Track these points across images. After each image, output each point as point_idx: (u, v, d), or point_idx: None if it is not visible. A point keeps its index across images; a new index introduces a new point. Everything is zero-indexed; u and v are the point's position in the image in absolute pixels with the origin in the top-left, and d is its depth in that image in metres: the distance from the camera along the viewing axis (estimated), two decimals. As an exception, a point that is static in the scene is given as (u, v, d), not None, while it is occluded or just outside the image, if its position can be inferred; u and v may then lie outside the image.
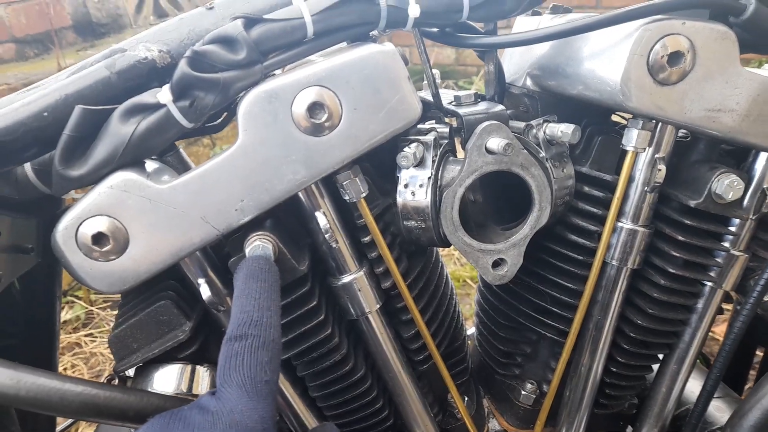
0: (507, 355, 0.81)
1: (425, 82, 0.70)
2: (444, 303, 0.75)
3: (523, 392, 0.79)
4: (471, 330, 0.96)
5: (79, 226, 0.54)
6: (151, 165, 0.61)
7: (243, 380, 0.43)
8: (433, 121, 0.72)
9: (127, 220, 0.54)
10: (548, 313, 0.72)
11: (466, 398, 0.80)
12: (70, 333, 2.39)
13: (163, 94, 0.52)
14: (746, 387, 1.01)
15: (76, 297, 2.46)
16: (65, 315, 2.43)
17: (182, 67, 0.52)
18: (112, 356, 0.62)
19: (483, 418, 0.83)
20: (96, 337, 2.35)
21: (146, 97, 0.53)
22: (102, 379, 0.66)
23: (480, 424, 0.81)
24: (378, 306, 0.65)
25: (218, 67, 0.53)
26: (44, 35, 2.76)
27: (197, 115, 0.54)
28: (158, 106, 0.53)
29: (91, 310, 2.45)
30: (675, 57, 0.55)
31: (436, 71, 0.79)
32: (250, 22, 0.54)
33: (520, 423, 0.80)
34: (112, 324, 2.50)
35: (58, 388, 0.53)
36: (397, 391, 0.70)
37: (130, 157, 0.54)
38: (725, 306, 0.76)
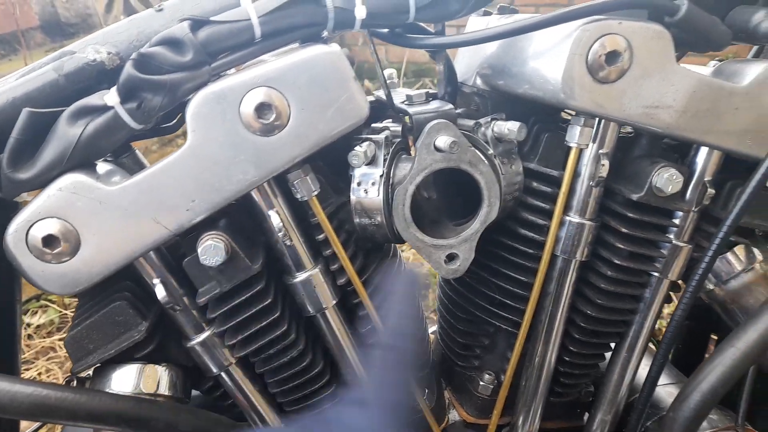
0: (466, 347, 0.83)
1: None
2: (402, 298, 0.76)
3: (481, 383, 0.81)
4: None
5: (29, 229, 0.54)
6: (103, 167, 0.61)
7: None
8: (390, 120, 0.73)
9: (77, 222, 0.55)
10: (502, 306, 0.74)
11: (427, 390, 0.81)
12: (45, 337, 2.36)
13: (111, 96, 0.53)
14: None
15: (50, 301, 2.42)
16: (39, 319, 2.40)
17: (128, 69, 0.52)
18: (64, 344, 0.62)
19: (444, 409, 0.85)
20: (70, 341, 2.32)
21: (94, 100, 0.54)
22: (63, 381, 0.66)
23: (441, 415, 0.83)
24: (334, 302, 0.67)
25: (165, 68, 0.53)
26: (11, 36, 2.72)
27: (145, 116, 0.54)
28: (106, 108, 0.53)
29: (65, 314, 2.42)
30: (612, 56, 0.57)
31: (392, 71, 0.81)
32: (197, 24, 0.55)
33: (479, 413, 0.82)
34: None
35: (7, 389, 0.53)
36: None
37: (79, 160, 0.54)
38: (674, 295, 0.79)
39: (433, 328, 0.96)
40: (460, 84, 0.75)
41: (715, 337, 0.99)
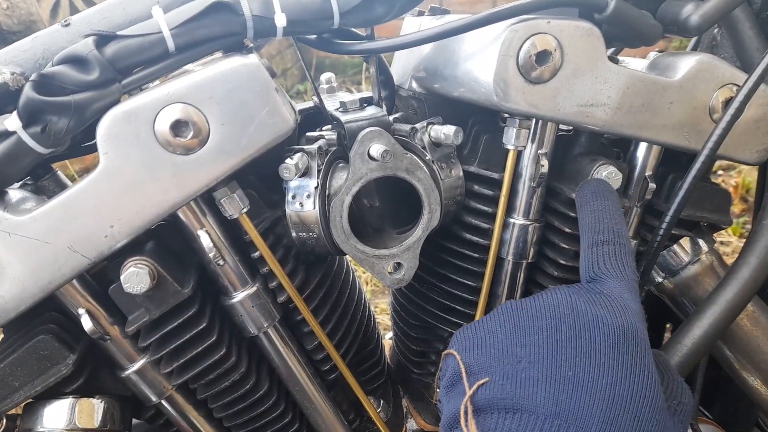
0: (421, 354, 0.81)
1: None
2: (350, 309, 0.75)
3: (438, 390, 0.79)
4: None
5: (-68, 266, 0.50)
6: (14, 194, 0.58)
7: (622, 275, 0.50)
8: (329, 127, 0.71)
9: (-15, 256, 0.51)
10: (452, 311, 0.73)
11: (382, 401, 0.80)
12: None
13: (11, 121, 0.49)
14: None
15: None
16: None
17: (27, 91, 0.49)
18: None
19: (401, 418, 0.84)
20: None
21: (-6, 125, 0.50)
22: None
23: (398, 424, 0.82)
24: (275, 321, 0.64)
25: (69, 89, 0.50)
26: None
27: (52, 140, 0.51)
28: (7, 133, 0.50)
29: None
30: (543, 56, 0.56)
31: (330, 74, 0.78)
32: (103, 39, 0.51)
33: (437, 421, 0.81)
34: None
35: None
36: (305, 404, 0.70)
37: (-17, 189, 0.51)
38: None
39: (389, 335, 0.95)
40: (397, 87, 0.73)
41: (669, 326, 0.99)
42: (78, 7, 3.29)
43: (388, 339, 0.96)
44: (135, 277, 0.54)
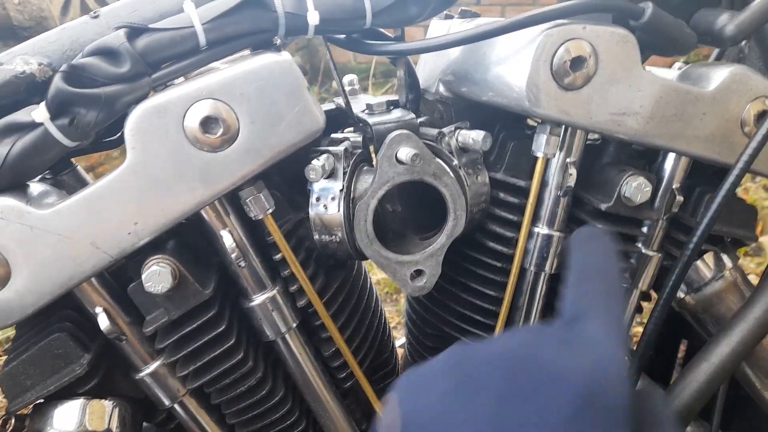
0: (436, 364, 0.80)
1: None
2: (367, 316, 0.73)
3: None
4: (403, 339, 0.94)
5: (-49, 259, 0.49)
6: (36, 187, 0.56)
7: (608, 315, 0.41)
8: (352, 129, 0.70)
9: (6, 249, 0.50)
10: (471, 321, 0.72)
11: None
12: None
13: (39, 112, 0.48)
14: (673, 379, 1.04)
15: None
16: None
17: (57, 82, 0.48)
18: None
19: (415, 429, 0.82)
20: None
21: (20, 116, 0.49)
22: (-2, 420, 0.61)
23: (412, 436, 0.80)
24: (294, 325, 0.63)
25: (99, 81, 0.49)
26: (-41, 42, 2.59)
27: (79, 133, 0.50)
28: (34, 125, 0.49)
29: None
30: (577, 62, 0.55)
31: (353, 76, 0.77)
32: (135, 32, 0.50)
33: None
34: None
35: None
36: (320, 411, 0.68)
37: (6, 181, 0.49)
38: (644, 304, 0.77)
39: (401, 341, 0.93)
40: (423, 91, 0.72)
41: (684, 345, 0.98)
42: (88, 5, 3.29)
43: (398, 347, 0.95)
44: (157, 276, 0.53)
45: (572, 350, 0.38)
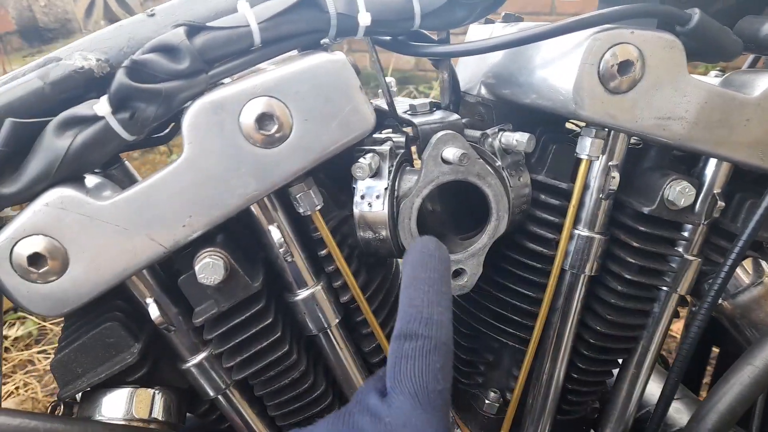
0: (469, 363, 0.80)
1: (380, 90, 0.69)
2: (404, 314, 0.74)
3: (486, 401, 0.78)
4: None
5: (13, 247, 0.50)
6: (92, 180, 0.58)
7: (416, 389, 0.40)
8: (390, 130, 0.71)
9: (65, 239, 0.51)
10: (509, 322, 0.72)
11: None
12: (23, 350, 2.29)
13: (101, 106, 0.50)
14: (704, 382, 1.03)
15: (28, 313, 2.35)
16: (16, 332, 2.33)
17: (120, 77, 0.49)
18: (51, 368, 0.59)
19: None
20: (49, 353, 2.25)
21: (83, 109, 0.51)
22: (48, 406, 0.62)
23: (444, 435, 0.80)
24: (337, 321, 0.64)
25: (159, 77, 0.50)
26: (-13, 41, 2.65)
27: (139, 127, 0.51)
28: (96, 118, 0.50)
29: (44, 326, 2.35)
30: (625, 66, 0.56)
31: (391, 79, 0.78)
32: (194, 29, 0.52)
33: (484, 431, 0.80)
34: (66, 341, 2.38)
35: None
36: (357, 407, 0.69)
37: (67, 173, 0.51)
38: (680, 309, 0.77)
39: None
40: (463, 93, 0.73)
41: (717, 350, 0.98)
42: (111, 7, 3.35)
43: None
44: (210, 268, 0.54)
45: None
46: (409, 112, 0.66)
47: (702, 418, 0.60)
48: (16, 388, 2.10)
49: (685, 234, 0.67)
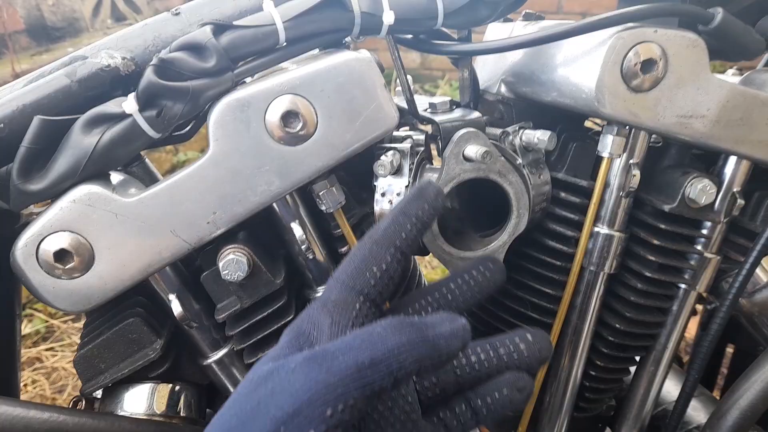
0: (485, 361, 0.80)
1: (395, 87, 0.69)
2: (422, 312, 0.74)
3: (502, 399, 0.78)
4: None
5: (40, 243, 0.51)
6: (116, 177, 0.58)
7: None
8: (407, 128, 0.71)
9: (91, 235, 0.52)
10: (527, 319, 0.72)
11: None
12: (30, 347, 2.30)
13: (129, 104, 0.50)
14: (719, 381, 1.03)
15: (36, 310, 2.36)
16: (24, 329, 2.34)
17: (149, 75, 0.49)
18: (75, 371, 0.59)
19: (463, 426, 0.83)
20: (57, 351, 2.26)
21: (110, 107, 0.51)
22: (68, 401, 0.63)
23: (460, 432, 0.81)
24: (356, 317, 0.64)
25: (186, 75, 0.51)
26: (-5, 39, 2.65)
27: (165, 125, 0.51)
28: (123, 116, 0.51)
29: (52, 324, 2.36)
30: (648, 64, 0.56)
31: (409, 77, 0.78)
32: (220, 28, 0.52)
33: (501, 429, 0.80)
34: (73, 337, 2.40)
35: (21, 416, 0.50)
36: (376, 404, 0.69)
37: (94, 170, 0.51)
38: (697, 307, 0.77)
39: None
40: (482, 91, 0.73)
41: (731, 349, 0.98)
42: (118, 6, 3.34)
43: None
44: (233, 264, 0.54)
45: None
46: (429, 110, 0.66)
47: (723, 415, 0.60)
48: (24, 385, 2.11)
49: (704, 232, 0.67)
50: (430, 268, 2.48)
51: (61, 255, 0.51)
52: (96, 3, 3.33)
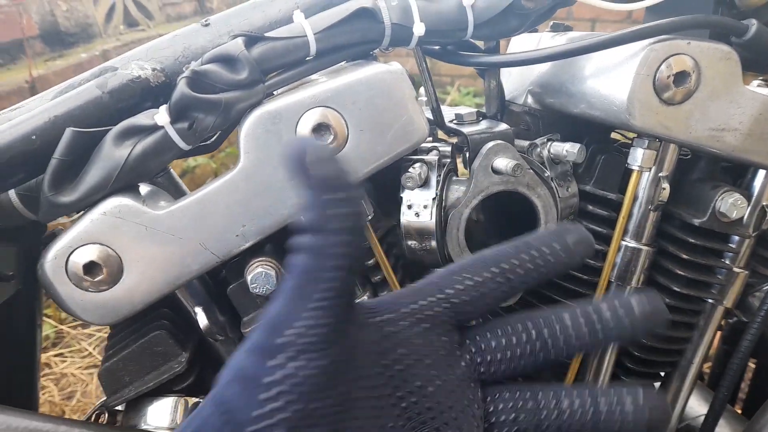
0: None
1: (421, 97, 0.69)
2: (446, 324, 0.73)
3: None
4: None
5: (69, 255, 0.51)
6: (144, 188, 0.58)
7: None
8: (431, 139, 0.71)
9: (121, 248, 0.51)
10: (551, 333, 0.71)
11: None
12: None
13: (161, 116, 0.50)
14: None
15: (45, 315, 2.36)
16: (34, 335, 2.34)
17: (181, 87, 0.49)
18: (83, 378, 0.59)
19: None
20: (66, 357, 2.26)
21: (142, 119, 0.51)
22: (91, 414, 0.63)
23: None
24: (382, 331, 0.63)
25: (218, 87, 0.50)
26: (10, 45, 2.67)
27: (196, 137, 0.51)
28: (155, 128, 0.50)
29: (61, 329, 2.36)
30: (680, 77, 0.55)
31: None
32: (252, 40, 0.52)
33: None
34: (83, 343, 2.39)
35: (40, 429, 0.49)
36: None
37: (125, 182, 0.51)
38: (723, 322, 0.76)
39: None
40: (508, 102, 0.73)
41: (753, 363, 0.96)
42: (131, 12, 3.37)
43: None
44: (263, 277, 0.54)
45: None
46: (455, 122, 0.66)
47: (757, 434, 0.59)
48: (34, 391, 2.11)
49: (733, 246, 0.66)
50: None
51: (91, 267, 0.51)
52: (109, 9, 3.36)
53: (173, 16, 3.63)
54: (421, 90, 0.78)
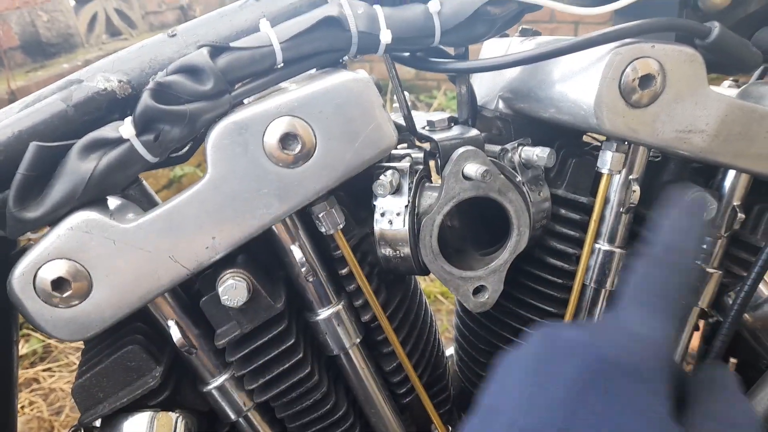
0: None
1: (392, 102, 0.69)
2: (425, 331, 0.73)
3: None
4: (449, 351, 0.94)
5: (37, 272, 0.50)
6: (113, 201, 0.58)
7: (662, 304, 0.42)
8: (405, 145, 0.71)
9: (89, 263, 0.51)
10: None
11: (450, 428, 0.78)
12: (27, 368, 2.27)
13: (126, 129, 0.50)
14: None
15: (33, 330, 2.34)
16: (21, 350, 2.31)
17: (145, 99, 0.49)
18: (72, 393, 0.58)
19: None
20: (54, 371, 2.23)
21: (107, 132, 0.50)
22: (65, 425, 0.62)
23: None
24: (358, 340, 0.63)
25: (183, 98, 0.50)
26: (-10, 56, 2.65)
27: (162, 149, 0.51)
28: (120, 140, 0.50)
29: (49, 344, 2.33)
30: (646, 80, 0.56)
31: (406, 93, 0.78)
32: (217, 50, 0.52)
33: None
34: (71, 357, 2.37)
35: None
36: (380, 427, 0.68)
37: (91, 196, 0.51)
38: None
39: (449, 351, 0.93)
40: (480, 107, 0.73)
41: (734, 361, 0.97)
42: (113, 21, 3.36)
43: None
44: (233, 289, 0.54)
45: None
46: (427, 128, 0.66)
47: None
48: (22, 407, 2.08)
49: (705, 246, 0.67)
50: (429, 281, 2.47)
51: (59, 283, 0.50)
52: (91, 18, 3.35)
53: (156, 25, 3.62)
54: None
